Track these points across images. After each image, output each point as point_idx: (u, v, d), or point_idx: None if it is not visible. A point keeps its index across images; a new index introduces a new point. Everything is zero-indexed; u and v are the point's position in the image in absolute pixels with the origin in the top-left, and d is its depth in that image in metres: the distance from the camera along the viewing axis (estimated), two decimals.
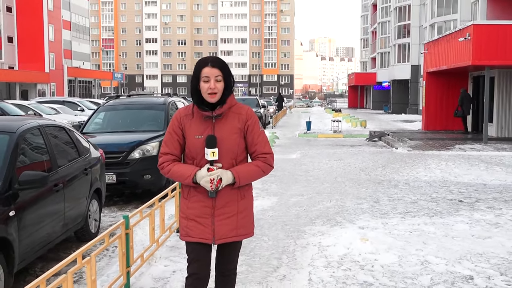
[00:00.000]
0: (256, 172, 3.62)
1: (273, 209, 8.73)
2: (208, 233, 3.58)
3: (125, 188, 9.82)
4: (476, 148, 17.72)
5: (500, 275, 5.48)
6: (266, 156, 3.65)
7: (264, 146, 3.66)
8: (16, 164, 5.48)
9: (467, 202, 9.21)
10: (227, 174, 3.50)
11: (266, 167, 3.65)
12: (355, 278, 5.38)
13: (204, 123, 3.58)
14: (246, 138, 3.64)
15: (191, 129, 3.60)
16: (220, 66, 3.55)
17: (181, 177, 3.57)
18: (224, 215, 3.58)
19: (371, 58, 76.88)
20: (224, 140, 3.54)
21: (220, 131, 3.56)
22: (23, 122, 6.14)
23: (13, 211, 5.14)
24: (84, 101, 30.28)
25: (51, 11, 60.04)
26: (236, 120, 3.61)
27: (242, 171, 3.56)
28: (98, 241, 4.54)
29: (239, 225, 3.63)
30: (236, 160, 3.61)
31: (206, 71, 3.51)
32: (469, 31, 19.04)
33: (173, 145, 3.65)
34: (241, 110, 3.66)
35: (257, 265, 5.86)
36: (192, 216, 3.61)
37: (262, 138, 3.67)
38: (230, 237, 3.62)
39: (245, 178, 3.58)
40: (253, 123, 3.66)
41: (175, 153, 3.65)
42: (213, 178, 3.45)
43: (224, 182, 3.49)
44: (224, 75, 3.54)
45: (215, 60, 3.57)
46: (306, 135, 24.77)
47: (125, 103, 11.81)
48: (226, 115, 3.60)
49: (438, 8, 40.19)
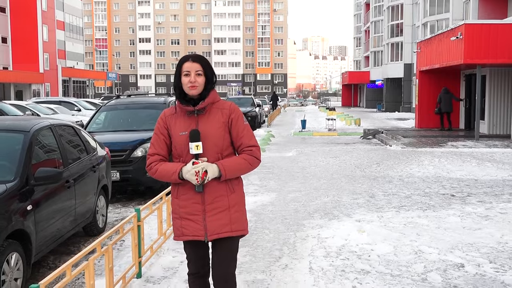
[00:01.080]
0: (243, 164, 3.63)
1: (273, 204, 9.05)
2: (200, 230, 3.59)
3: (128, 185, 10.11)
4: (468, 145, 18.10)
5: (490, 263, 5.83)
6: (252, 149, 3.66)
7: (250, 139, 3.67)
8: (31, 161, 5.78)
9: (459, 197, 9.57)
10: (212, 166, 3.52)
11: (252, 159, 3.65)
12: (353, 267, 5.71)
13: (188, 120, 3.63)
14: (231, 132, 3.66)
15: (176, 127, 3.64)
16: (201, 61, 3.63)
17: (167, 174, 3.59)
18: (215, 210, 3.59)
19: (364, 57, 77.30)
20: (209, 135, 3.58)
21: (204, 125, 3.60)
22: (36, 122, 6.43)
23: (30, 206, 5.44)
24: (80, 101, 30.49)
25: (45, 12, 60.09)
26: (220, 114, 3.65)
27: (228, 163, 3.57)
28: (113, 233, 4.85)
29: (232, 219, 3.62)
30: (222, 155, 3.63)
31: (187, 65, 3.59)
32: (461, 30, 19.41)
33: (159, 146, 3.69)
34: (224, 105, 3.70)
35: (260, 255, 6.19)
36: (185, 215, 3.63)
37: (247, 131, 3.69)
38: (223, 233, 3.60)
39: (231, 171, 3.58)
40: (237, 117, 3.68)
41: (162, 153, 3.69)
42: (197, 170, 3.47)
43: (210, 175, 3.50)
44: (205, 70, 3.61)
45: (196, 56, 3.65)
46: (301, 134, 25.10)
47: (126, 103, 12.11)
48: (209, 111, 3.65)
49: (430, 7, 40.62)
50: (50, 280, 3.53)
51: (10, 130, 6.13)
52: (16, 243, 5.15)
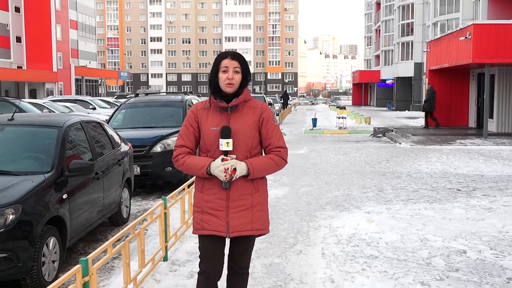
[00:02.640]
0: (270, 165, 3.66)
1: (286, 197, 9.52)
2: (222, 226, 3.61)
3: (148, 179, 10.60)
4: (476, 142, 18.46)
5: (490, 250, 6.26)
6: (280, 150, 3.69)
7: (279, 140, 3.70)
8: (65, 154, 6.27)
9: (465, 191, 9.98)
10: (241, 164, 3.54)
11: (280, 160, 3.68)
12: (363, 252, 6.16)
13: (220, 116, 3.65)
14: (260, 131, 3.69)
15: (207, 122, 3.66)
16: (239, 59, 3.67)
17: (195, 168, 3.61)
18: (239, 207, 3.62)
19: (375, 56, 77.52)
20: (239, 132, 3.60)
21: (235, 123, 3.61)
22: (68, 118, 6.93)
23: (65, 194, 5.94)
24: (95, 100, 31.11)
25: (59, 11, 60.84)
26: (251, 113, 3.67)
27: (256, 163, 3.60)
28: (144, 218, 5.32)
29: (254, 218, 3.66)
30: (251, 153, 3.65)
31: (226, 62, 3.62)
32: (470, 30, 19.76)
33: (188, 138, 3.70)
34: (256, 104, 3.73)
35: (276, 242, 6.65)
36: (208, 209, 3.65)
37: (276, 132, 3.72)
38: (245, 231, 3.64)
39: (259, 170, 3.61)
40: (268, 117, 3.71)
41: (190, 146, 3.70)
42: (227, 167, 3.50)
43: (238, 172, 3.53)
44: (243, 68, 3.65)
45: (235, 54, 3.69)
46: (312, 132, 25.52)
47: (145, 101, 12.63)
48: (242, 109, 3.67)
49: (440, 6, 40.89)
50: (96, 255, 4.00)
51: (45, 126, 6.63)
52: (54, 229, 5.65)
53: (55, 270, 5.65)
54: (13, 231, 5.05)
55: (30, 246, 5.18)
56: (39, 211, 5.42)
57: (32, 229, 5.23)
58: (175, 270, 5.64)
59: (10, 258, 5.02)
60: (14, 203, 5.14)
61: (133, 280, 4.78)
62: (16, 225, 5.08)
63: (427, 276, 5.38)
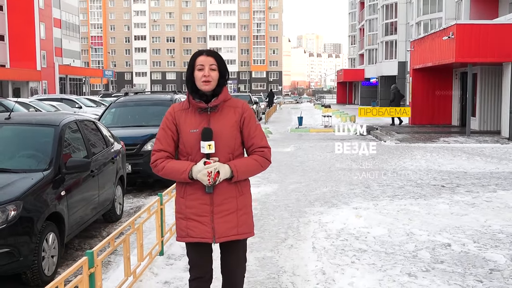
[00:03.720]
0: (254, 166, 3.56)
1: (276, 194, 9.73)
2: (208, 232, 3.50)
3: (139, 177, 10.76)
4: (460, 140, 18.83)
5: (473, 243, 6.52)
6: (264, 150, 3.59)
7: (262, 140, 3.60)
8: (62, 152, 6.42)
9: (449, 187, 10.27)
10: (224, 167, 3.43)
11: (264, 161, 3.59)
12: (351, 246, 6.40)
13: (199, 117, 3.51)
14: (242, 131, 3.58)
15: (186, 124, 3.52)
16: (215, 56, 3.54)
17: (176, 173, 3.46)
18: (224, 212, 3.51)
19: (359, 55, 78.11)
20: (221, 134, 3.47)
21: (216, 124, 3.49)
22: (63, 117, 7.08)
23: (63, 191, 6.10)
24: (81, 99, 31.10)
25: (42, 9, 60.52)
26: (232, 113, 3.55)
27: (240, 164, 3.49)
28: (141, 214, 5.50)
29: (240, 222, 3.56)
30: (233, 155, 3.55)
31: (201, 59, 3.50)
32: (452, 30, 20.14)
33: (166, 142, 3.55)
34: (237, 104, 3.61)
35: (267, 237, 6.86)
36: (192, 216, 3.51)
37: (259, 132, 3.62)
38: (231, 236, 3.54)
39: (243, 172, 3.51)
40: (249, 116, 3.60)
41: (168, 150, 3.55)
42: (210, 171, 3.37)
43: (222, 175, 3.42)
44: (219, 65, 3.52)
45: (210, 51, 3.58)
46: (298, 130, 25.77)
47: (134, 100, 12.77)
48: (222, 109, 3.55)
49: (424, 6, 41.43)
50: (100, 248, 4.18)
51: (42, 124, 6.78)
52: (52, 224, 5.81)
53: (54, 265, 5.82)
54: (14, 227, 5.21)
55: (31, 241, 5.34)
56: (39, 207, 5.58)
57: (32, 224, 5.39)
58: (172, 264, 5.83)
59: (12, 252, 5.18)
60: (15, 200, 5.30)
61: (132, 273, 4.96)
62: (18, 221, 5.24)
63: (414, 267, 5.62)
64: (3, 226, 5.12)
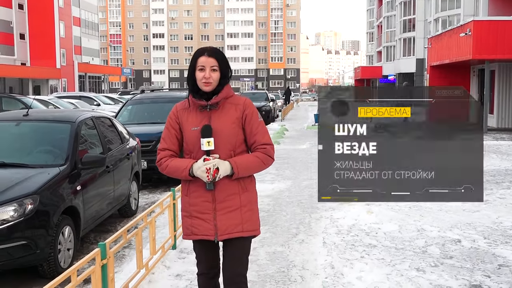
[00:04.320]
0: (256, 163, 3.51)
1: (289, 190, 9.82)
2: (210, 229, 3.49)
3: (154, 173, 10.88)
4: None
5: (484, 239, 6.56)
6: (266, 147, 3.55)
7: (264, 136, 3.56)
8: (78, 148, 6.58)
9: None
10: (224, 164, 3.42)
11: (266, 158, 3.54)
12: (362, 242, 6.47)
13: (200, 115, 3.52)
14: (244, 128, 3.55)
15: (188, 122, 3.53)
16: (217, 56, 3.49)
17: (178, 171, 3.49)
18: (226, 209, 3.48)
19: (377, 52, 77.77)
20: (221, 131, 3.47)
21: (216, 121, 3.49)
22: (80, 113, 7.25)
23: (79, 186, 6.25)
24: (99, 96, 31.42)
25: (62, 8, 61.15)
26: (233, 110, 3.54)
27: (240, 161, 3.47)
28: (153, 209, 5.63)
29: (244, 219, 3.52)
30: (235, 152, 3.52)
31: (202, 60, 3.47)
32: (470, 26, 20.04)
33: (170, 141, 3.58)
34: (238, 101, 3.58)
35: (279, 232, 6.96)
36: (195, 213, 3.52)
37: (261, 128, 3.58)
38: (234, 233, 3.50)
39: (244, 169, 3.47)
40: (251, 113, 3.56)
41: (173, 148, 3.57)
42: (209, 167, 3.37)
43: (222, 172, 3.40)
44: (220, 65, 3.49)
45: (211, 50, 3.52)
46: (315, 127, 25.75)
47: (151, 97, 12.94)
48: (223, 106, 3.53)
49: (442, 2, 41.16)
50: (112, 240, 4.31)
51: (58, 121, 6.95)
52: (68, 218, 5.97)
53: (70, 258, 5.97)
54: (31, 220, 5.37)
55: (47, 234, 5.50)
56: (55, 201, 5.74)
57: (49, 218, 5.55)
58: (184, 258, 5.95)
59: (29, 245, 5.34)
60: (32, 194, 5.46)
61: (145, 265, 5.09)
62: (34, 214, 5.40)
63: (423, 263, 5.68)
64: (20, 219, 5.28)
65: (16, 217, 5.27)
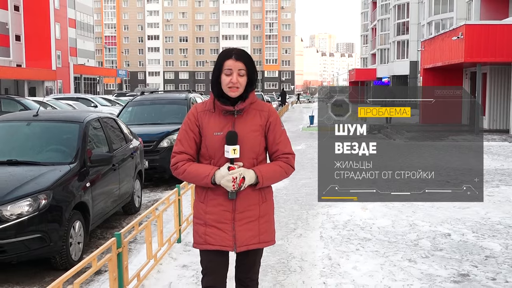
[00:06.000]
0: (279, 173, 3.41)
1: (286, 188, 10.17)
2: (228, 240, 3.33)
3: (156, 173, 11.23)
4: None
5: (472, 233, 6.93)
6: (288, 157, 3.45)
7: (286, 146, 3.46)
8: (86, 147, 6.90)
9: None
10: (249, 173, 3.28)
11: (288, 168, 3.45)
12: (357, 236, 6.82)
13: (224, 119, 3.33)
14: (267, 136, 3.42)
15: (209, 126, 3.33)
16: (245, 60, 3.33)
17: (197, 178, 3.30)
18: (246, 219, 3.35)
19: (371, 54, 78.28)
20: (245, 138, 3.31)
21: (241, 127, 3.32)
22: (87, 114, 7.57)
23: (88, 183, 6.58)
24: (96, 98, 31.71)
25: (57, 10, 61.33)
26: (258, 117, 3.38)
27: (265, 170, 3.34)
28: (160, 204, 5.96)
29: (261, 230, 3.42)
30: (257, 160, 3.39)
31: (229, 63, 3.28)
32: (462, 30, 20.46)
33: (188, 144, 3.37)
34: (263, 107, 3.43)
35: (278, 227, 7.28)
36: (212, 222, 3.34)
37: (284, 137, 3.48)
38: (252, 244, 3.39)
39: (268, 178, 3.35)
40: (275, 120, 3.44)
41: (190, 152, 3.38)
42: (235, 176, 3.22)
43: (247, 181, 3.27)
44: (248, 70, 3.33)
45: (240, 53, 3.34)
46: (310, 129, 26.16)
47: (150, 99, 13.27)
48: (247, 111, 3.37)
49: (435, 6, 41.67)
50: (126, 231, 4.64)
51: (67, 121, 7.27)
52: (79, 213, 6.29)
53: (80, 251, 6.29)
54: (45, 215, 5.69)
55: (60, 228, 5.82)
56: (67, 197, 6.06)
57: (61, 213, 5.87)
58: (189, 250, 6.28)
59: (43, 238, 5.66)
60: (45, 190, 5.79)
61: (154, 256, 5.42)
62: (48, 209, 5.72)
63: (414, 254, 6.04)
64: (35, 213, 5.60)
65: (31, 211, 5.59)
